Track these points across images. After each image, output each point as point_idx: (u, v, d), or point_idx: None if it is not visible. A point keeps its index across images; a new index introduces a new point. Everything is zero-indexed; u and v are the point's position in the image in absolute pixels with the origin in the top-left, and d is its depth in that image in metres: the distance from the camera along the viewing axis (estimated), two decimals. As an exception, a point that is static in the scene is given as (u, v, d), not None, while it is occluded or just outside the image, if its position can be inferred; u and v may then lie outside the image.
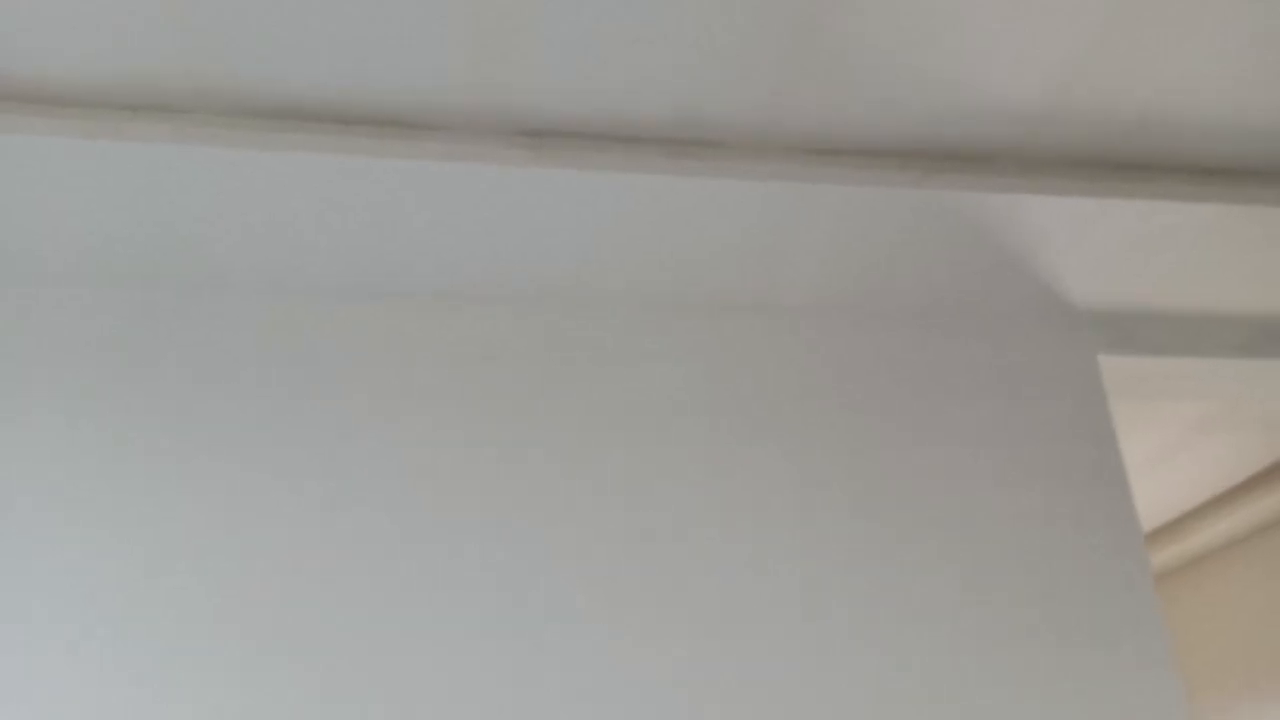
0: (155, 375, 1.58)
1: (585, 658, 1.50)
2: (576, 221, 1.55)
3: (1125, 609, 1.67)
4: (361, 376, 1.63)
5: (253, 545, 1.49)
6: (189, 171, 1.40)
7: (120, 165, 1.37)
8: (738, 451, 1.68)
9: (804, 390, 1.75)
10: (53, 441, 1.52)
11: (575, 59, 1.36)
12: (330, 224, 1.52)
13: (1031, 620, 1.64)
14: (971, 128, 1.52)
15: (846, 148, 1.54)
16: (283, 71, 1.33)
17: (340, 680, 1.43)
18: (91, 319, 1.60)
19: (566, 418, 1.66)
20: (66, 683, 1.38)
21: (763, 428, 1.71)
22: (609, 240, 1.60)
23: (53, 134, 1.28)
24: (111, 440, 1.53)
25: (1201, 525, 2.90)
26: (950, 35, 1.37)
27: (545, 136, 1.47)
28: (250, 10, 1.25)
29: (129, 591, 1.44)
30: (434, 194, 1.47)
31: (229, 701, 1.40)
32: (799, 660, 1.55)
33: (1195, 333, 1.93)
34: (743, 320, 1.79)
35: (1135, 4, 1.36)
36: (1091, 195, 1.60)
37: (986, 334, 1.85)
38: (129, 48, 1.28)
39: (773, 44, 1.37)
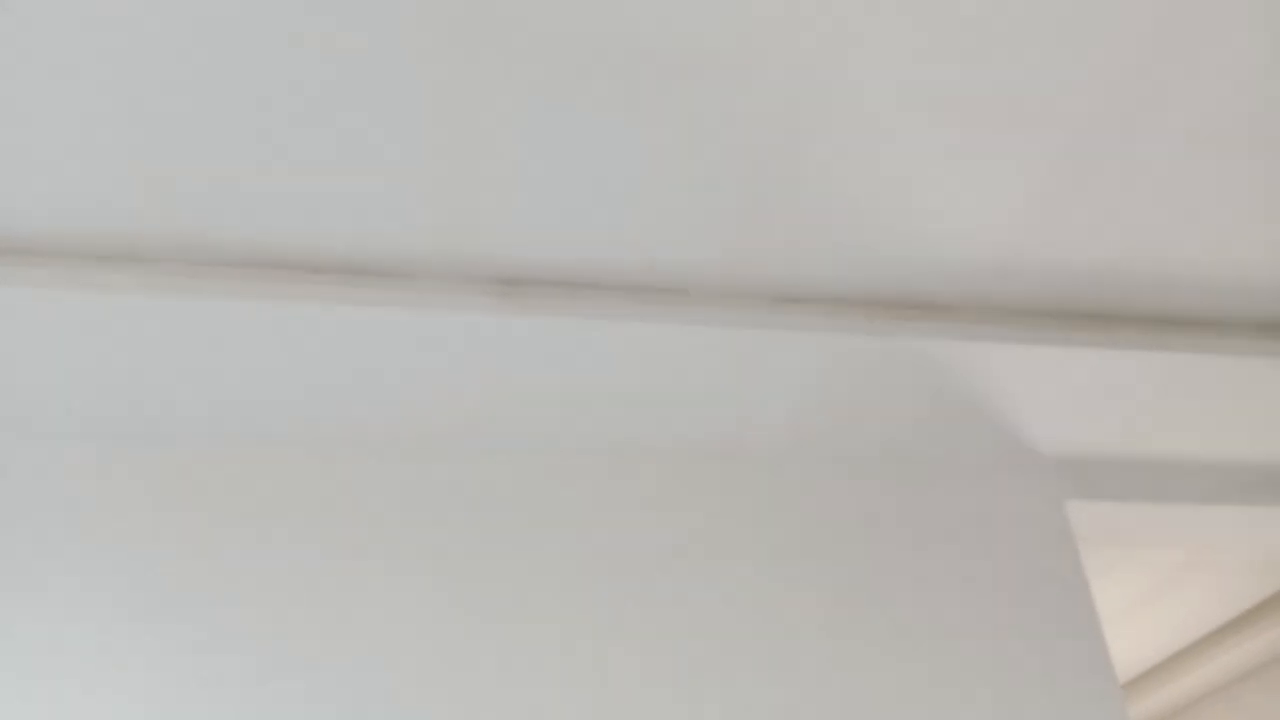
0: (127, 530, 1.57)
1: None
2: (545, 368, 1.57)
3: (1104, 762, 1.64)
4: (330, 527, 1.62)
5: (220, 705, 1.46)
6: (159, 321, 1.41)
7: (88, 315, 1.39)
8: (706, 600, 1.66)
9: (772, 539, 1.74)
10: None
11: (544, 209, 1.40)
12: (301, 374, 1.53)
13: (1007, 774, 1.60)
14: (931, 278, 1.56)
15: (809, 296, 1.57)
16: (253, 220, 1.36)
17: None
18: (68, 473, 1.60)
19: (535, 567, 1.64)
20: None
21: (730, 576, 1.69)
22: (577, 386, 1.61)
23: (22, 284, 1.30)
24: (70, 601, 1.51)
25: (1184, 671, 2.86)
26: (905, 191, 1.42)
27: (515, 284, 1.50)
28: (219, 160, 1.29)
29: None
30: (404, 342, 1.49)
31: None
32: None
33: (1162, 480, 1.94)
34: (711, 466, 1.79)
35: (1074, 167, 1.42)
36: (1052, 344, 1.63)
37: (954, 481, 1.86)
38: (98, 197, 1.31)
39: (735, 196, 1.41)
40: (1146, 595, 2.51)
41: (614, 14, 1.18)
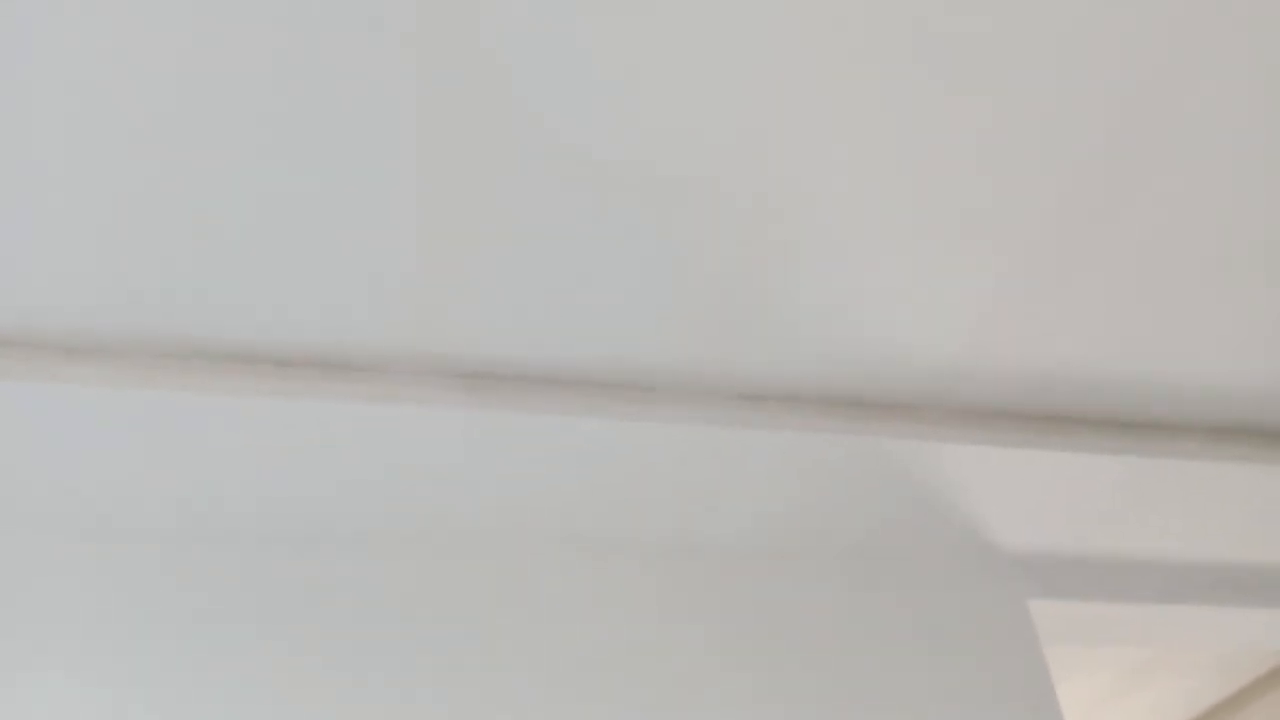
0: (97, 627, 1.55)
1: None
2: (512, 463, 1.58)
3: None
4: (296, 621, 1.60)
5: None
6: (126, 415, 1.41)
7: (54, 409, 1.39)
8: (666, 696, 1.65)
9: (733, 636, 1.74)
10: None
11: (515, 307, 1.42)
12: (269, 468, 1.52)
13: None
14: (894, 379, 1.59)
15: (774, 395, 1.59)
16: (220, 315, 1.37)
17: None
18: (39, 569, 1.58)
19: (501, 662, 1.63)
20: None
21: (691, 673, 1.69)
22: (543, 481, 1.62)
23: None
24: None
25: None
26: (869, 293, 1.46)
27: (483, 379, 1.51)
28: (186, 255, 1.29)
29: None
30: (373, 435, 1.49)
31: None
32: None
33: (1124, 579, 1.95)
34: (675, 563, 1.79)
35: (1035, 271, 1.46)
36: (1014, 445, 1.65)
37: (917, 579, 1.86)
38: (67, 291, 1.31)
39: (702, 298, 1.44)
40: (1110, 693, 2.50)
41: (591, 130, 1.22)
